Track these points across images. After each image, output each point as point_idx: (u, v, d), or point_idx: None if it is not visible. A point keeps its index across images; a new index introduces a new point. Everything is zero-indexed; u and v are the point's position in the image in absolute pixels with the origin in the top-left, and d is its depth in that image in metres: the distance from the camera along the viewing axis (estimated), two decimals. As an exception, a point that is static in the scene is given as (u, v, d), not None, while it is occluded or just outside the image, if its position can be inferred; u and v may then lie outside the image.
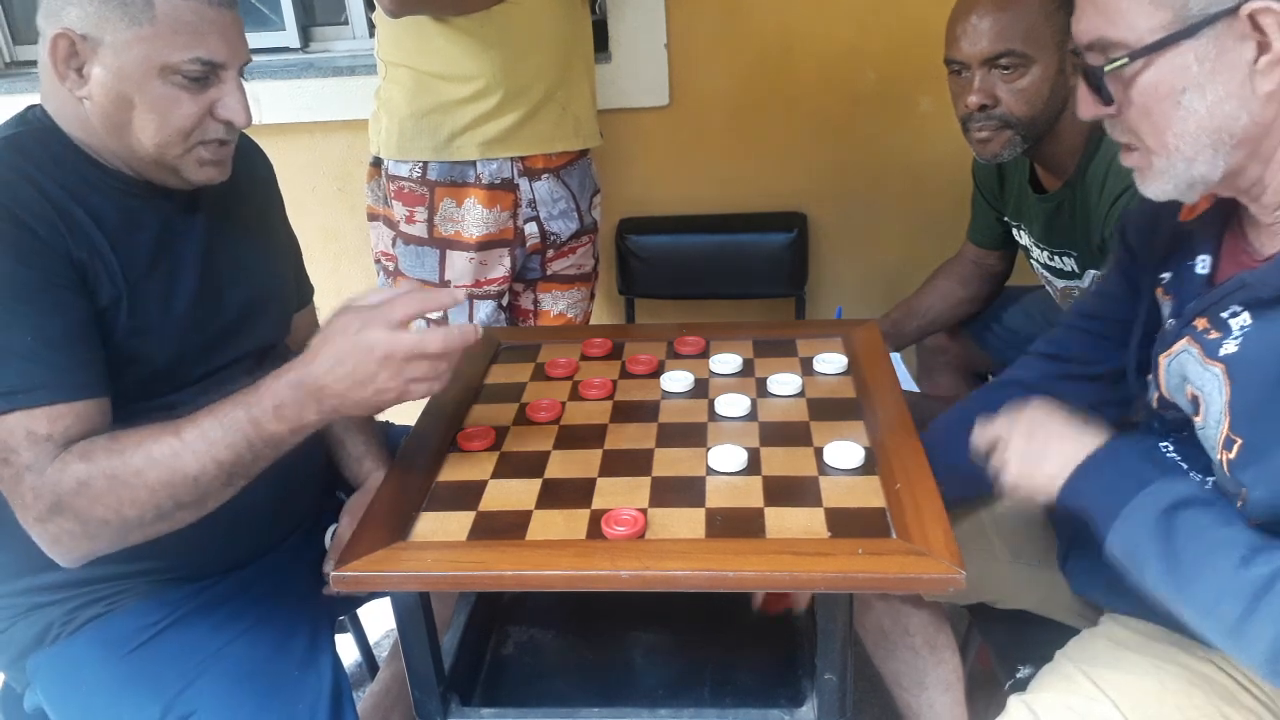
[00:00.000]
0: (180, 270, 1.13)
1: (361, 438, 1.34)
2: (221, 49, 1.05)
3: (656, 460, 1.11)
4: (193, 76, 1.04)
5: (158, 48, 1.01)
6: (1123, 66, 0.86)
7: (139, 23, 1.00)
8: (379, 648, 1.92)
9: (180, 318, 1.11)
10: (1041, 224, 1.56)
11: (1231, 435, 0.90)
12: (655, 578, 0.93)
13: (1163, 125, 0.87)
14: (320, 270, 1.48)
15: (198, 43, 1.02)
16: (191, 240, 1.15)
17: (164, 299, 1.10)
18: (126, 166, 1.09)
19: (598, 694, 1.20)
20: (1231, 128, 0.85)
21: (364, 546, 0.98)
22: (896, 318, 1.83)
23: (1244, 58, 0.82)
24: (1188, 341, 0.97)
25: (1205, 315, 0.95)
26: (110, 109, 1.03)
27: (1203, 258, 0.99)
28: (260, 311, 1.23)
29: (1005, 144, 1.43)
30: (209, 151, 1.09)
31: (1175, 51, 0.84)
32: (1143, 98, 0.87)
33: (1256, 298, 0.89)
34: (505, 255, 1.75)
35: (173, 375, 1.11)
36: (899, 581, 0.92)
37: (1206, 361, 0.93)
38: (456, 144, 1.66)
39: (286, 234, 1.37)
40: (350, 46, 2.33)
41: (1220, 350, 0.92)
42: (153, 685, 1.07)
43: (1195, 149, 0.86)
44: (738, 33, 2.11)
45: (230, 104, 1.07)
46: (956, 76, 1.45)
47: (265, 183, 1.33)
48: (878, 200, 2.24)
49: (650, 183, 2.26)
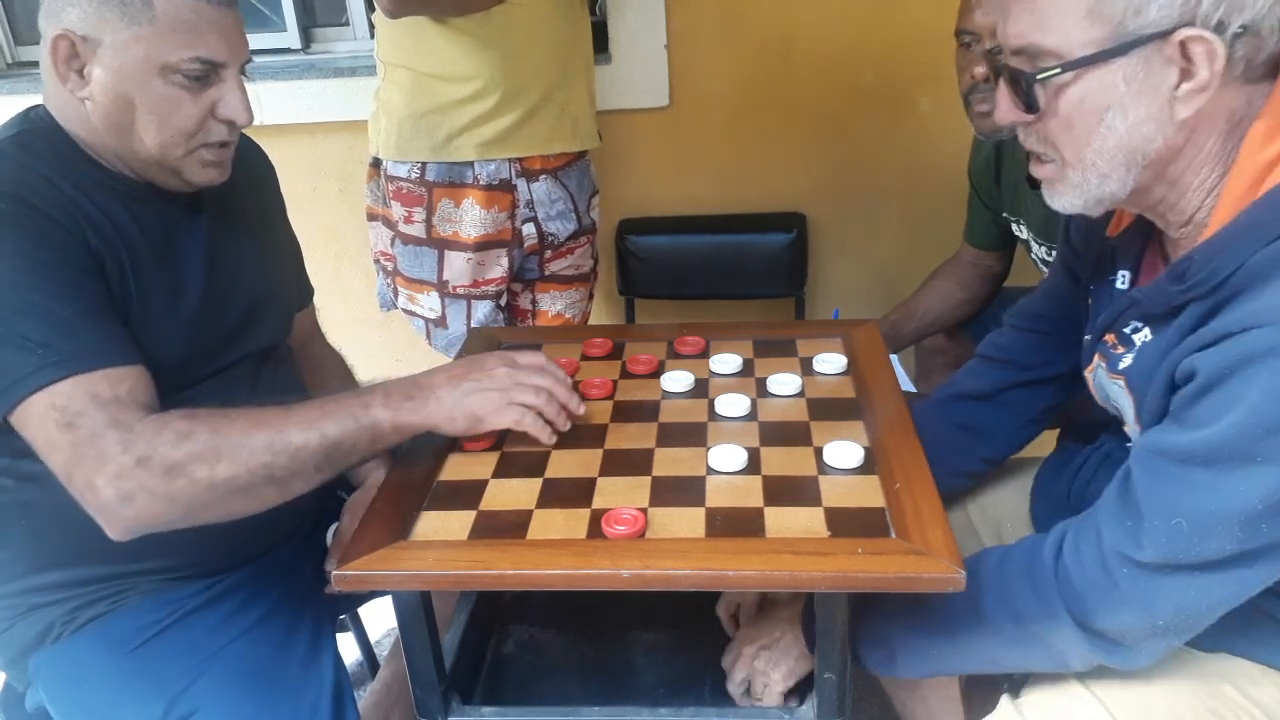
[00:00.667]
0: (186, 271, 1.13)
1: None
2: (221, 48, 1.05)
3: (656, 460, 1.11)
4: (193, 76, 1.04)
5: (157, 47, 1.01)
6: (1054, 76, 0.86)
7: (138, 22, 1.00)
8: (380, 646, 1.92)
9: (186, 318, 1.12)
10: (1040, 218, 1.56)
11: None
12: (655, 577, 0.93)
13: (1083, 140, 0.88)
14: (321, 270, 1.48)
15: (197, 42, 1.03)
16: (196, 241, 1.15)
17: (171, 300, 1.10)
18: (128, 168, 1.09)
19: (598, 693, 1.21)
20: (1145, 149, 0.86)
21: (365, 545, 0.98)
22: (895, 319, 1.83)
23: (1167, 82, 0.83)
24: (1098, 357, 1.01)
25: (1113, 331, 0.98)
26: (112, 109, 1.03)
27: (1123, 273, 1.02)
28: (263, 312, 1.23)
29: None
30: (211, 153, 1.09)
31: (1106, 69, 0.84)
32: (1068, 110, 0.87)
33: (1148, 313, 0.93)
34: (503, 256, 1.75)
35: (177, 374, 1.11)
36: (898, 581, 0.92)
37: (1110, 376, 0.97)
38: (455, 145, 1.67)
39: (287, 234, 1.38)
40: (351, 47, 2.33)
41: (1120, 364, 0.96)
42: (155, 684, 1.07)
43: (1110, 166, 0.88)
44: (738, 33, 2.11)
45: (231, 103, 1.07)
46: (965, 49, 1.45)
47: (266, 182, 1.33)
48: (877, 200, 2.25)
49: (650, 183, 2.26)
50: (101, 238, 1.04)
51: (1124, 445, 1.08)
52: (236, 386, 1.17)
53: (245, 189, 1.23)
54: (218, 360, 1.16)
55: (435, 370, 1.08)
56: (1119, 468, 1.07)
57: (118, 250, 1.05)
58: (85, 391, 0.95)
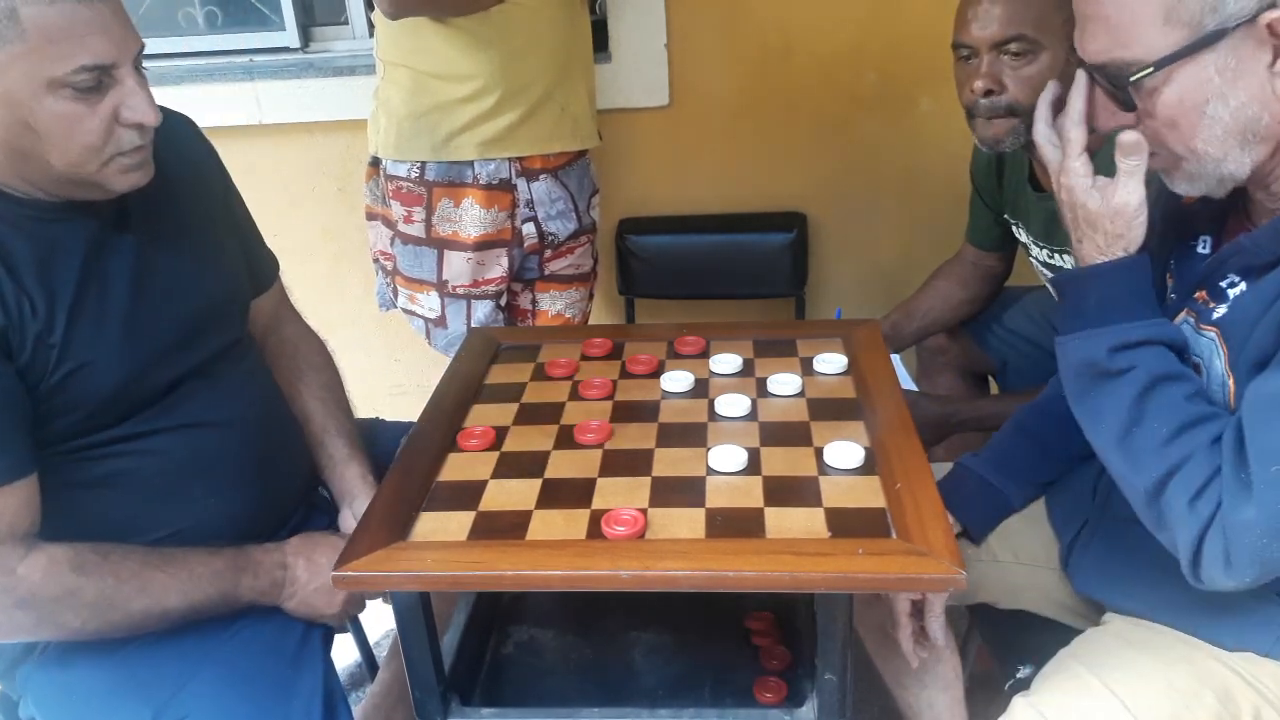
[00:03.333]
0: (111, 295, 1.07)
1: (341, 440, 1.32)
2: (106, 48, 0.96)
3: (656, 460, 1.11)
4: (84, 87, 0.96)
5: (37, 63, 0.94)
6: (1146, 77, 0.88)
7: (9, 41, 0.92)
8: (379, 648, 1.91)
9: (117, 342, 1.07)
10: (1042, 222, 1.55)
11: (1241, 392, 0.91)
12: (655, 578, 0.92)
13: (1190, 135, 0.89)
14: (320, 270, 1.48)
15: (78, 48, 0.95)
16: (121, 259, 1.09)
17: (96, 328, 1.05)
18: (41, 191, 1.03)
19: (598, 694, 1.20)
20: (1255, 128, 0.88)
21: (364, 546, 0.98)
22: (896, 319, 1.83)
23: (1262, 63, 0.85)
24: (1185, 314, 0.99)
25: (1204, 287, 0.97)
26: (10, 138, 0.97)
27: (1205, 238, 1.02)
28: (208, 320, 1.18)
29: (1009, 132, 1.42)
30: (128, 158, 1.02)
31: (1195, 64, 0.86)
32: (1167, 111, 0.89)
33: (1251, 264, 0.92)
34: (503, 255, 1.75)
35: (125, 400, 1.08)
36: (899, 582, 0.92)
37: (1201, 328, 0.96)
38: (454, 144, 1.66)
39: (230, 222, 1.29)
40: (350, 46, 2.32)
41: (1213, 315, 0.95)
42: (144, 690, 1.06)
43: (1224, 151, 0.89)
44: (738, 33, 2.11)
45: (134, 104, 1.00)
46: (964, 63, 1.44)
47: (200, 165, 1.24)
48: (878, 200, 2.24)
49: (650, 183, 2.26)
50: (15, 295, 0.99)
51: None
52: (188, 404, 1.14)
53: (174, 188, 1.16)
54: (166, 375, 1.12)
55: (298, 560, 1.15)
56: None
57: (30, 299, 1.00)
58: None
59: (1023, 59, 1.37)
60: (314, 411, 1.34)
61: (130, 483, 1.10)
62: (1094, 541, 1.13)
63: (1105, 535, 1.12)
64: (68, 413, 1.04)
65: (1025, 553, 1.23)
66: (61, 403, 1.04)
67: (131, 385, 1.08)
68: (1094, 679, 0.98)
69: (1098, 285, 0.96)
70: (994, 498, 1.24)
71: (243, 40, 2.31)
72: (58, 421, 1.04)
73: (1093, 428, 0.96)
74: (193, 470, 1.14)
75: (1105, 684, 0.97)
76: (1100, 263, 0.96)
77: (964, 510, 1.22)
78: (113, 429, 1.08)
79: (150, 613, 1.05)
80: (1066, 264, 1.54)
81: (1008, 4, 1.36)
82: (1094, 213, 0.95)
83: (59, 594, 1.00)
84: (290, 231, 1.38)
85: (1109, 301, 0.95)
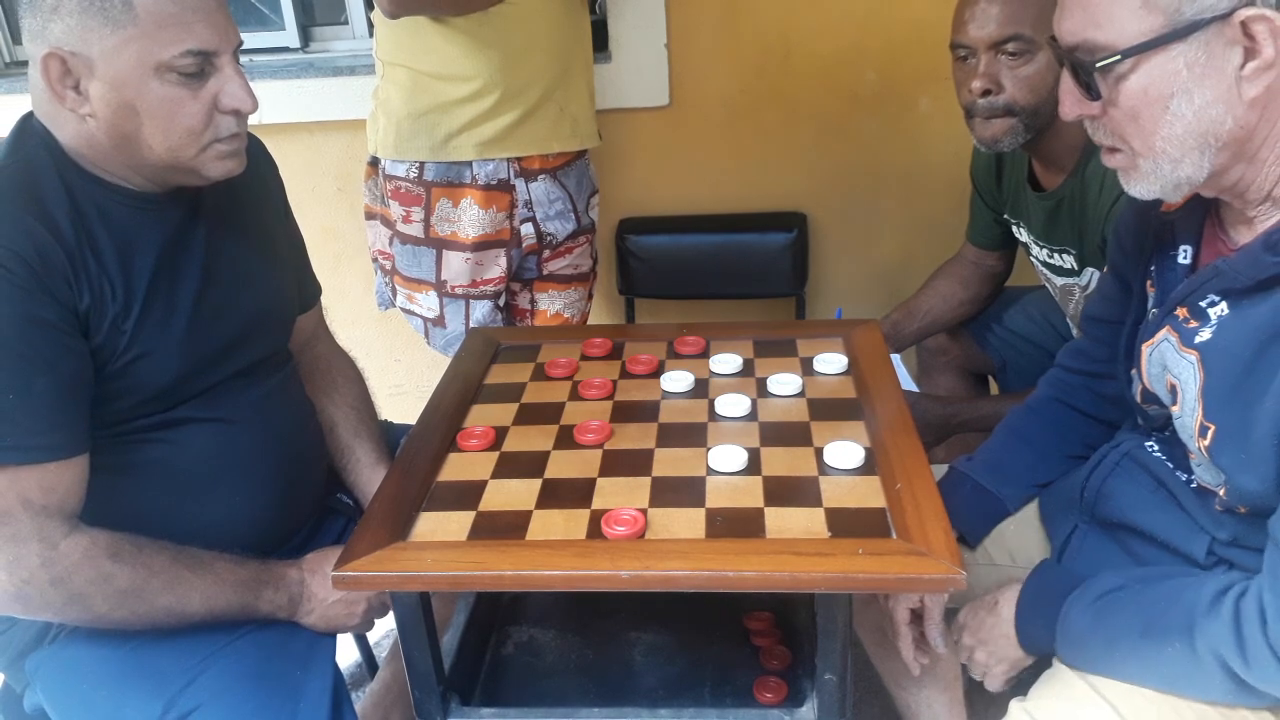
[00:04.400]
0: (180, 289, 1.11)
1: (370, 444, 1.34)
2: (210, 36, 1.02)
3: (656, 460, 1.11)
4: (188, 72, 1.01)
5: (147, 46, 0.99)
6: (1113, 64, 0.86)
7: (122, 25, 0.98)
8: (379, 647, 1.91)
9: (181, 336, 1.10)
10: (1041, 222, 1.55)
11: (1205, 422, 0.92)
12: (655, 578, 0.92)
13: (1150, 129, 0.88)
14: (320, 269, 1.47)
15: (185, 34, 1.00)
16: (193, 256, 1.13)
17: (164, 320, 1.09)
18: (134, 176, 1.07)
19: (598, 694, 1.20)
20: (1218, 131, 0.86)
21: (364, 546, 0.98)
22: (896, 319, 1.83)
23: (1232, 63, 0.83)
24: (1168, 330, 0.98)
25: (1185, 304, 0.96)
26: (116, 121, 1.01)
27: (1184, 248, 1.00)
28: (261, 325, 1.22)
29: (1007, 131, 1.42)
30: (225, 145, 1.07)
31: (1165, 55, 0.84)
32: (1130, 101, 0.87)
33: (1229, 286, 0.91)
34: (501, 255, 1.75)
35: (176, 391, 1.11)
36: (899, 582, 0.92)
37: (1182, 349, 0.95)
38: (453, 144, 1.66)
39: (288, 236, 1.35)
40: (350, 46, 2.32)
41: (1195, 338, 0.94)
42: (154, 682, 1.06)
43: (1182, 151, 0.88)
44: (738, 33, 2.11)
45: (233, 91, 1.05)
46: (962, 63, 1.44)
47: (267, 181, 1.31)
48: (878, 200, 2.24)
49: (650, 183, 2.26)
50: (89, 281, 1.02)
51: (1144, 445, 1.08)
52: (227, 401, 1.15)
53: (244, 193, 1.21)
54: (216, 374, 1.15)
55: (314, 578, 1.16)
56: (1138, 468, 1.07)
57: (111, 282, 1.04)
58: (16, 492, 0.98)
59: (1020, 59, 1.37)
60: (344, 418, 1.36)
61: (162, 471, 1.12)
62: (1085, 544, 1.13)
63: (1095, 538, 1.12)
64: (121, 398, 1.07)
65: (1022, 555, 1.23)
66: (118, 388, 1.06)
67: (185, 379, 1.11)
68: (1086, 684, 0.98)
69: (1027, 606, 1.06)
70: (988, 503, 1.24)
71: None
72: (109, 406, 1.06)
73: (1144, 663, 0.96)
74: (220, 466, 1.15)
75: (1098, 690, 0.97)
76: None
77: (959, 516, 1.21)
78: (153, 417, 1.10)
79: (172, 610, 1.06)
80: (1066, 264, 1.54)
81: (1005, 4, 1.36)
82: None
83: (93, 577, 1.01)
84: (289, 231, 1.40)
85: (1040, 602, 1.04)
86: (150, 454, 1.11)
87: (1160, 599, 0.94)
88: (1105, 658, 0.97)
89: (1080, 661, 0.99)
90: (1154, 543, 1.05)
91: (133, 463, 1.10)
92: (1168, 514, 1.04)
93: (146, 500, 1.11)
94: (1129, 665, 0.95)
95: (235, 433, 1.16)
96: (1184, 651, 0.90)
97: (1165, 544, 1.04)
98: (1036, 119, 1.41)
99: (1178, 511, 1.02)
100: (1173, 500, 1.03)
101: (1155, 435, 1.07)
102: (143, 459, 1.10)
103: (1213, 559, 1.00)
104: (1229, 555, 0.98)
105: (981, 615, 1.11)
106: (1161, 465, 1.05)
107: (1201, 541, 1.00)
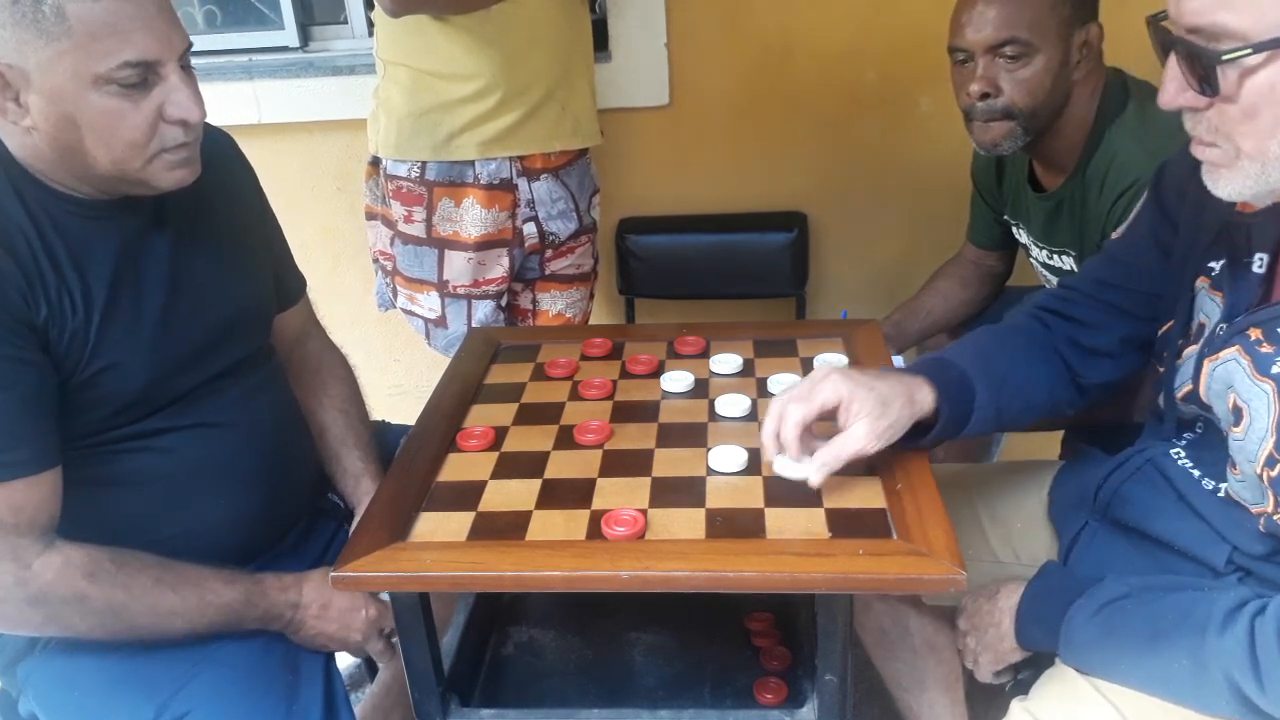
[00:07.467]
0: (145, 295, 1.08)
1: (358, 453, 1.32)
2: (151, 45, 0.96)
3: (656, 460, 1.11)
4: (129, 84, 0.96)
5: (82, 59, 0.94)
6: (1243, 57, 0.76)
7: (56, 38, 0.93)
8: (378, 648, 1.91)
9: (149, 345, 1.08)
10: (1041, 223, 1.55)
11: (1275, 454, 0.87)
12: (655, 578, 0.92)
13: (1268, 131, 0.79)
14: (320, 270, 1.48)
15: (123, 44, 0.95)
16: (156, 261, 1.10)
17: (129, 329, 1.06)
18: (83, 186, 1.04)
19: (598, 694, 1.20)
20: None
21: (363, 547, 0.98)
22: (898, 319, 1.83)
23: None
24: (1238, 351, 0.91)
25: (1261, 326, 0.90)
26: (57, 134, 0.98)
27: (1260, 255, 0.92)
28: (235, 328, 1.19)
29: (1006, 134, 1.42)
30: (173, 155, 1.02)
31: None
32: (1254, 98, 0.78)
33: None
34: (503, 255, 1.75)
35: (149, 400, 1.09)
36: (899, 582, 0.92)
37: (1257, 377, 0.89)
38: (455, 144, 1.66)
39: (263, 236, 1.30)
40: (350, 46, 2.32)
41: (1272, 367, 0.87)
42: (147, 687, 1.06)
43: None
44: (738, 33, 2.11)
45: (179, 100, 0.99)
46: (960, 66, 1.44)
47: (236, 181, 1.26)
48: (878, 200, 2.24)
49: (650, 183, 2.26)
50: (46, 294, 1.00)
51: (1168, 453, 1.05)
52: (206, 404, 1.14)
53: (212, 196, 1.16)
54: (190, 379, 1.13)
55: (309, 599, 1.13)
56: (1160, 477, 1.04)
57: (70, 293, 1.01)
58: None
59: (1018, 62, 1.37)
60: (333, 423, 1.34)
61: (143, 480, 1.10)
62: (1094, 543, 1.13)
63: (1105, 537, 1.12)
64: (91, 410, 1.05)
65: (1026, 553, 1.23)
66: (87, 399, 1.04)
67: (156, 387, 1.09)
68: (1088, 684, 0.98)
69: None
70: (967, 395, 1.09)
71: (242, 39, 2.31)
72: (81, 418, 1.05)
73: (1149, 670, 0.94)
74: (203, 470, 1.14)
75: (1100, 690, 0.96)
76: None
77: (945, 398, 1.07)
78: (129, 427, 1.08)
79: (154, 629, 1.06)
80: (1066, 265, 1.54)
81: (1002, 7, 1.36)
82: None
83: (68, 597, 1.01)
84: (289, 231, 1.38)
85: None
86: (131, 463, 1.09)
87: (1168, 611, 0.91)
88: (1109, 667, 0.96)
89: (1083, 668, 0.99)
90: (1169, 549, 1.03)
91: (114, 473, 1.09)
92: (1186, 523, 1.01)
93: (131, 509, 1.10)
94: (1132, 677, 0.94)
95: (217, 435, 1.15)
96: (1192, 668, 0.88)
97: (1183, 551, 1.01)
98: (1035, 121, 1.41)
99: (1197, 521, 1.00)
100: (1192, 511, 1.00)
101: (1185, 436, 1.03)
102: (123, 469, 1.09)
103: (1231, 567, 0.97)
104: (1250, 566, 0.96)
105: (980, 602, 1.10)
106: (1186, 475, 1.01)
107: (1221, 551, 0.97)
